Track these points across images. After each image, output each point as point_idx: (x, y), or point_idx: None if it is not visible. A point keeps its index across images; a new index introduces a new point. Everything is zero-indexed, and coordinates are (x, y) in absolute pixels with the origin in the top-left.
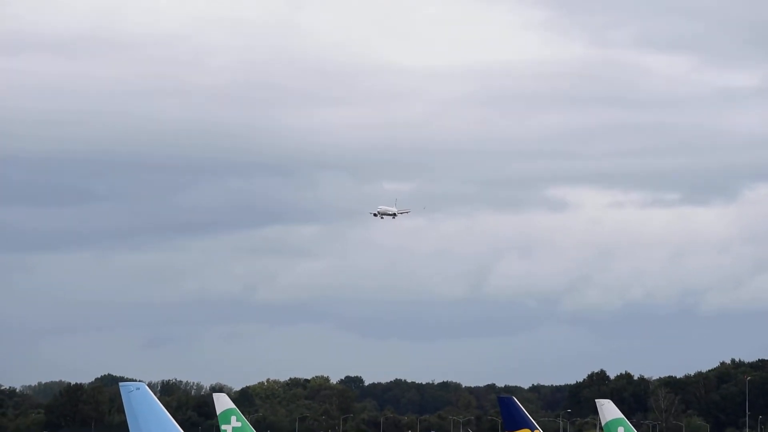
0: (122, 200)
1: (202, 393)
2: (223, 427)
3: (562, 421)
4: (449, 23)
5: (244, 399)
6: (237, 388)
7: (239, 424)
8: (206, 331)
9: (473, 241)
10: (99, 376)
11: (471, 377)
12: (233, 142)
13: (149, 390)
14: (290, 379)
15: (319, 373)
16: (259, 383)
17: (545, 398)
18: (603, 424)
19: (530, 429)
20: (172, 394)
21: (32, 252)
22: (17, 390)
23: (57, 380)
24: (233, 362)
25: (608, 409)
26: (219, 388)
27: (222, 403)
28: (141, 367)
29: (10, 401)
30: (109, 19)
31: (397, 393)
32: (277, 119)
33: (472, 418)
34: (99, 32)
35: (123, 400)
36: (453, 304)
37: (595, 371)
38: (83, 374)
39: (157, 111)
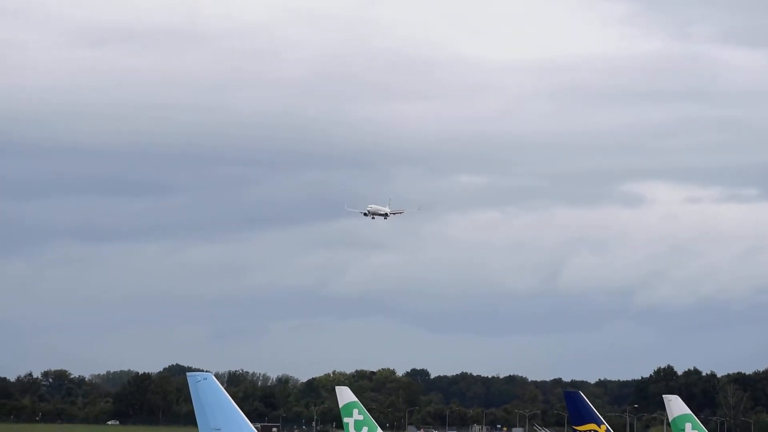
0: (196, 193)
1: (269, 384)
2: (345, 420)
3: (629, 416)
4: (526, 17)
5: (310, 390)
6: (303, 379)
7: (361, 417)
8: (275, 323)
9: (546, 235)
10: (167, 366)
11: (537, 371)
12: (310, 135)
13: (216, 380)
14: (356, 371)
15: (385, 366)
16: (325, 375)
17: (612, 393)
18: (670, 420)
19: (597, 424)
20: (238, 385)
21: (105, 242)
22: (87, 379)
23: (126, 369)
24: (300, 354)
25: (676, 405)
26: (285, 379)
27: (344, 396)
28: (209, 357)
29: (80, 390)
30: (188, 12)
31: (462, 386)
32: (355, 112)
33: (538, 412)
34: (178, 25)
35: (190, 390)
36: (523, 298)
37: (662, 367)
38: (151, 364)
39: (235, 104)
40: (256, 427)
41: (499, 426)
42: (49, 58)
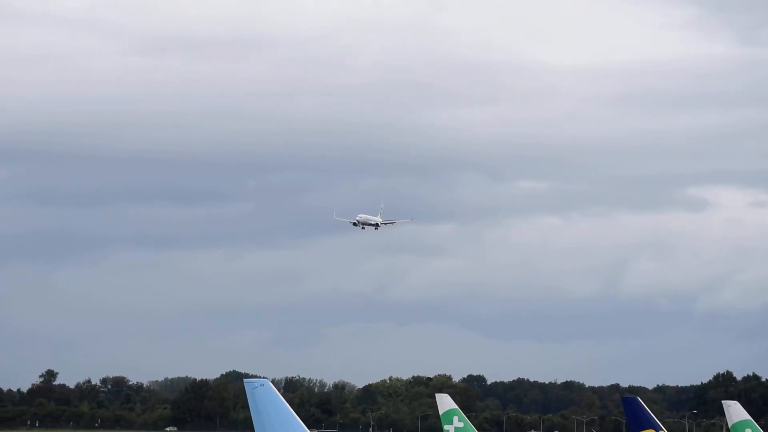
0: (256, 200)
1: (325, 390)
2: (445, 427)
3: (688, 422)
4: (590, 21)
5: (367, 396)
6: (360, 385)
7: (461, 425)
8: (332, 329)
9: (608, 240)
10: (224, 373)
11: (595, 377)
12: (371, 141)
13: (273, 386)
14: (413, 377)
15: (441, 372)
16: (381, 381)
17: (670, 399)
18: (730, 426)
19: (655, 430)
20: (295, 391)
21: (165, 249)
22: (144, 385)
23: (183, 376)
24: (357, 360)
25: (735, 411)
26: (342, 385)
27: (444, 403)
28: (266, 363)
29: (138, 396)
30: (250, 20)
31: (519, 392)
32: (416, 118)
33: (596, 418)
34: (240, 33)
35: (247, 396)
36: (582, 303)
37: (722, 372)
38: (209, 370)
39: (297, 111)
40: None
41: None
42: (112, 67)
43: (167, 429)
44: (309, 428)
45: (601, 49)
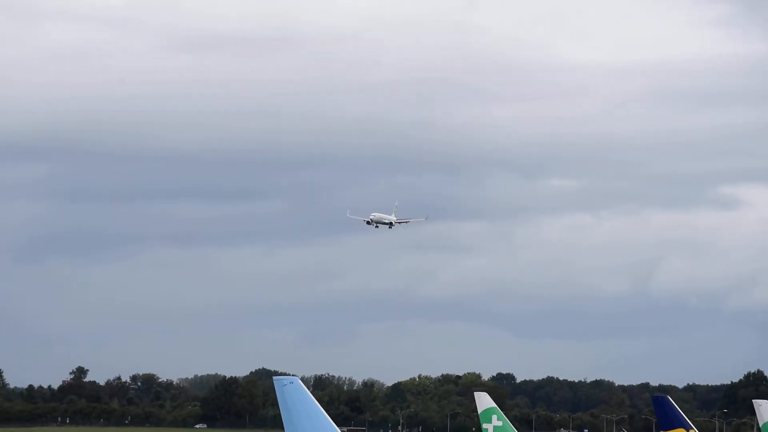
0: (287, 198)
1: (354, 388)
2: (484, 425)
3: (718, 421)
4: (624, 20)
5: (396, 394)
6: (389, 383)
7: (500, 423)
8: (362, 327)
9: (639, 238)
10: (254, 370)
11: (625, 375)
12: (402, 139)
13: (302, 384)
14: (442, 375)
15: (471, 370)
16: (410, 379)
17: (701, 398)
18: (761, 425)
19: (685, 429)
20: (324, 389)
21: (196, 247)
22: (174, 383)
23: (213, 373)
24: (386, 358)
25: (766, 410)
26: (371, 383)
27: (483, 402)
28: (295, 361)
29: (168, 394)
30: (281, 19)
31: (549, 390)
32: (450, 116)
33: (626, 416)
34: (272, 31)
35: (276, 394)
36: (613, 301)
37: (752, 371)
38: (238, 368)
39: (330, 109)
40: (342, 431)
41: (585, 431)
42: (144, 66)
43: (197, 426)
44: (338, 426)
45: (633, 47)
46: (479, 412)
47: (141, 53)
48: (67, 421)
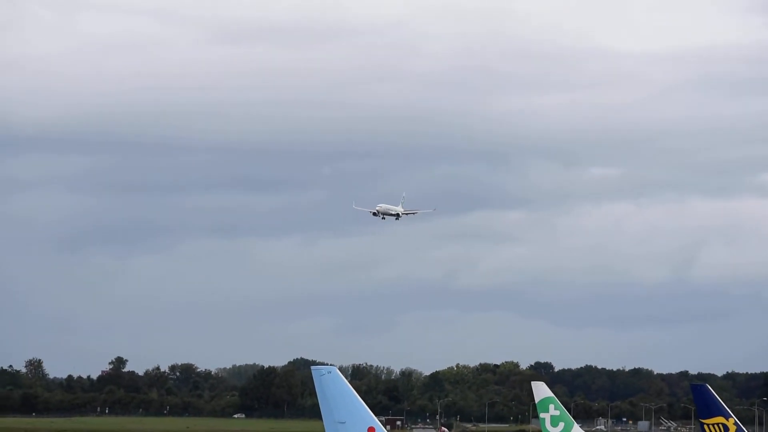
0: (330, 187)
1: (392, 377)
2: (541, 415)
3: (758, 409)
4: (667, 7)
5: (434, 383)
6: (427, 372)
7: (557, 413)
8: (401, 316)
9: (680, 226)
10: (291, 360)
11: (664, 364)
12: (446, 128)
13: (340, 374)
14: (480, 364)
15: (509, 359)
16: (448, 368)
17: (740, 386)
18: None
19: (725, 417)
20: (362, 378)
21: (237, 237)
22: (213, 372)
23: (251, 363)
24: (425, 347)
25: None
26: (409, 373)
27: (540, 391)
28: (333, 351)
29: (206, 383)
30: (325, 8)
31: (587, 379)
32: (490, 105)
33: (665, 405)
34: (315, 21)
35: (315, 384)
36: (652, 290)
37: None
38: (276, 357)
39: (372, 98)
40: (380, 420)
41: (624, 419)
42: (190, 57)
43: (235, 416)
44: (376, 415)
45: (674, 34)
46: (536, 402)
47: (182, 45)
48: (107, 411)
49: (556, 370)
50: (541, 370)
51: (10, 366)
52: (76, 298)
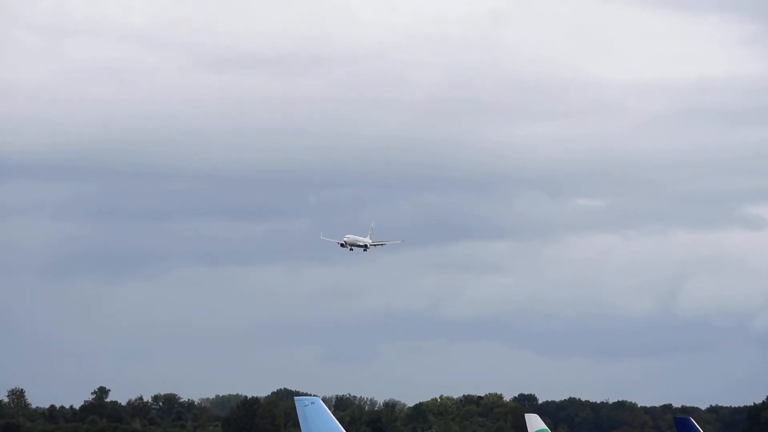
0: (314, 215)
1: (376, 408)
2: None
3: None
4: (652, 38)
5: (417, 415)
6: (410, 403)
7: None
8: (384, 346)
9: (665, 258)
10: (275, 390)
11: (647, 396)
12: (432, 157)
13: (324, 404)
14: (464, 395)
15: (492, 390)
16: (432, 399)
17: (724, 419)
18: None
19: None
20: (345, 409)
21: (220, 265)
22: (196, 403)
23: (234, 393)
24: (408, 378)
25: None
26: (392, 404)
27: (534, 423)
28: (316, 381)
29: (189, 414)
30: (310, 37)
31: (571, 411)
32: (475, 134)
33: None
34: (301, 50)
35: (298, 414)
36: (637, 321)
37: None
38: (260, 388)
39: (357, 127)
40: None
41: None
42: (174, 84)
43: None
44: None
45: (660, 65)
46: None
47: (168, 72)
48: None
49: (539, 402)
50: (525, 402)
51: None
52: (59, 326)
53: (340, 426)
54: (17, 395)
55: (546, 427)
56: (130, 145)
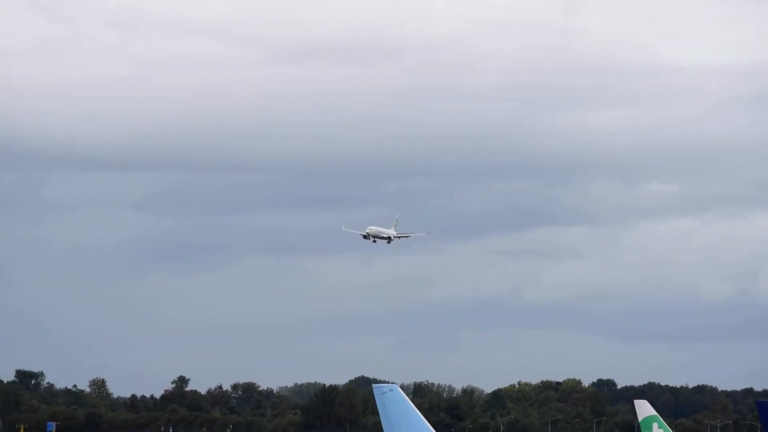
0: (390, 205)
1: (454, 395)
2: None
3: None
4: (727, 22)
5: (495, 401)
6: (489, 390)
7: (661, 431)
8: (462, 334)
9: (743, 242)
10: (353, 378)
11: (728, 381)
12: (505, 144)
13: (402, 392)
14: (542, 381)
15: (571, 376)
16: (510, 385)
17: None
18: None
19: None
20: (424, 396)
21: (297, 255)
22: (274, 391)
23: (312, 381)
24: (486, 364)
25: None
26: (470, 390)
27: (643, 409)
28: (394, 368)
29: (268, 402)
30: (383, 27)
31: (650, 396)
32: (551, 121)
33: (730, 422)
34: (378, 39)
35: (376, 402)
36: (716, 305)
37: None
38: (338, 376)
39: (430, 116)
40: None
41: None
42: (248, 76)
43: None
44: None
45: (736, 48)
46: (639, 420)
47: (242, 64)
48: (170, 430)
49: (618, 387)
50: (604, 387)
51: (75, 386)
52: (139, 318)
53: (419, 413)
54: (99, 385)
55: (656, 413)
56: (204, 138)
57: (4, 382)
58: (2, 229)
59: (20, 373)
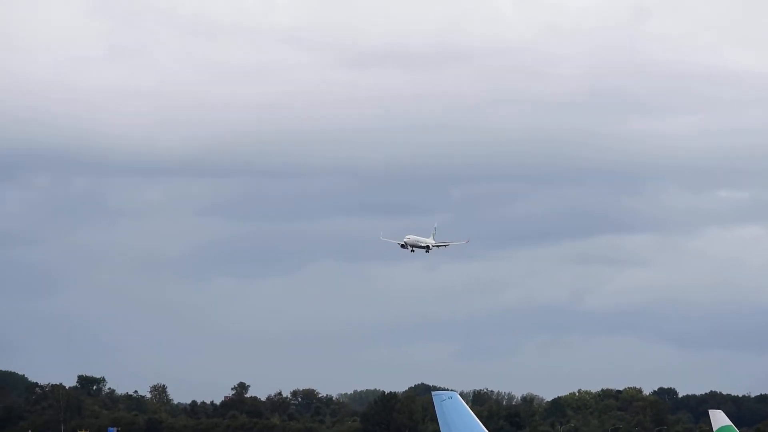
0: (456, 210)
1: (513, 403)
2: None
3: None
4: None
5: (555, 409)
6: (548, 398)
7: None
8: (522, 341)
9: None
10: (412, 385)
11: None
12: (574, 150)
13: (461, 399)
14: (602, 389)
15: (631, 384)
16: (570, 393)
17: None
18: None
19: None
20: (483, 404)
21: (360, 261)
22: (334, 398)
23: (372, 388)
24: (546, 372)
25: None
26: (530, 398)
27: (718, 419)
28: (453, 376)
29: (328, 409)
30: (451, 32)
31: (712, 405)
32: (621, 127)
33: None
34: (442, 45)
35: (435, 409)
36: None
37: None
38: (397, 383)
39: (501, 121)
40: None
41: None
42: (315, 81)
43: None
44: None
45: None
46: (714, 430)
47: (312, 70)
48: None
49: (679, 395)
50: (665, 396)
51: (135, 391)
52: (200, 323)
53: (478, 421)
54: (159, 391)
55: (731, 423)
56: (273, 145)
57: (67, 387)
58: (70, 237)
59: (82, 379)
